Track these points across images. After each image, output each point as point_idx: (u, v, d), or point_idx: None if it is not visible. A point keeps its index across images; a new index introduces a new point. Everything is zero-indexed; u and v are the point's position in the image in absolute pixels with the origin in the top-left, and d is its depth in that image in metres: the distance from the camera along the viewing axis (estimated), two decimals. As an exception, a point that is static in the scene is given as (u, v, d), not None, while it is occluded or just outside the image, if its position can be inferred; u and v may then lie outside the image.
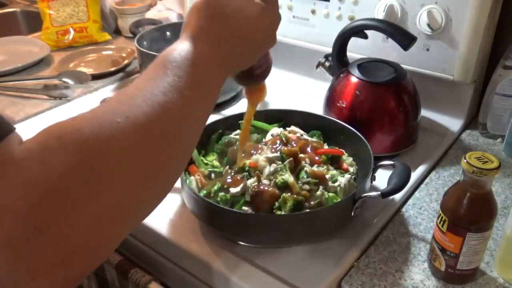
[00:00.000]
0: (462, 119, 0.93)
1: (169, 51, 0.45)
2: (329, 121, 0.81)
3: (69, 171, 0.32)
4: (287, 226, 0.62)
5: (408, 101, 0.84)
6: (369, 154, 0.70)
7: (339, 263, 0.62)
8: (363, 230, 0.67)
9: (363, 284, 0.59)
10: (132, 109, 0.38)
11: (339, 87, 0.86)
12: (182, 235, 0.68)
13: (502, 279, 0.60)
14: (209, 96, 0.46)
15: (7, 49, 1.32)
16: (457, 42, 0.85)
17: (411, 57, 0.88)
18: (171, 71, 0.42)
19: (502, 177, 0.79)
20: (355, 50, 0.92)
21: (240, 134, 0.73)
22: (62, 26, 1.36)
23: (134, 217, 0.39)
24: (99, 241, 0.35)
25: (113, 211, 0.35)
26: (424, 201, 0.74)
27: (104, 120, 0.36)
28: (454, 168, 0.82)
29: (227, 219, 0.64)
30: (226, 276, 0.62)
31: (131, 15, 1.38)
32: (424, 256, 0.63)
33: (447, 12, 0.83)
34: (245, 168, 0.69)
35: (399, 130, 0.83)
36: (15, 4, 1.80)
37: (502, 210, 0.71)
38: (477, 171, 0.52)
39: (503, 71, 0.85)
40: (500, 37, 0.92)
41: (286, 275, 0.61)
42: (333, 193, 0.67)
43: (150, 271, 0.72)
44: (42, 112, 1.03)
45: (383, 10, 0.88)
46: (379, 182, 0.71)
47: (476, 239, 0.55)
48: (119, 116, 0.37)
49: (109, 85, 1.16)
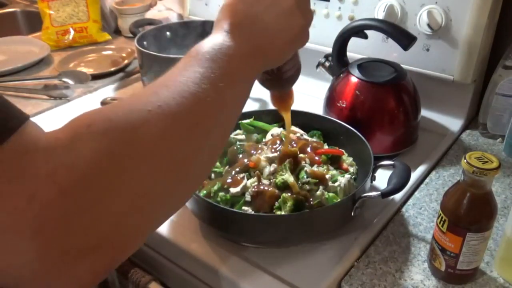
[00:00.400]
0: (462, 119, 0.93)
1: (202, 44, 0.45)
2: (329, 121, 0.81)
3: (98, 159, 0.32)
4: (287, 226, 0.62)
5: (408, 101, 0.84)
6: (369, 154, 0.70)
7: (339, 263, 0.62)
8: (363, 230, 0.67)
9: (363, 284, 0.59)
10: (163, 98, 0.38)
11: (339, 87, 0.86)
12: (182, 235, 0.68)
13: (502, 279, 0.60)
14: (241, 90, 0.46)
15: (7, 49, 1.32)
16: (457, 42, 0.85)
17: (411, 57, 0.88)
18: (205, 62, 0.43)
19: (502, 177, 0.79)
20: (355, 50, 0.92)
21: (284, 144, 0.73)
22: (62, 26, 1.36)
23: (162, 210, 0.39)
24: (127, 232, 0.35)
25: (141, 200, 0.35)
26: (424, 201, 0.74)
27: (135, 108, 0.36)
28: (454, 168, 0.82)
29: (227, 219, 0.64)
30: (226, 276, 0.62)
31: (131, 15, 1.38)
32: (424, 256, 0.63)
33: (447, 12, 0.84)
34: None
35: (399, 130, 0.83)
36: (15, 4, 1.80)
37: (502, 210, 0.71)
38: (477, 171, 0.52)
39: (503, 71, 0.85)
40: (500, 37, 0.92)
41: (286, 275, 0.61)
42: (333, 193, 0.67)
43: (150, 271, 0.72)
44: (42, 112, 1.03)
45: (383, 10, 0.88)
46: (379, 182, 0.71)
47: (476, 239, 0.55)
48: (150, 105, 0.37)
49: (109, 85, 1.16)
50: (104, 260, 0.34)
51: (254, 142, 0.78)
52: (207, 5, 1.18)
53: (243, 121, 0.81)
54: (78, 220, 0.31)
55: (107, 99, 0.95)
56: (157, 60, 0.97)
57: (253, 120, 0.82)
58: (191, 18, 1.22)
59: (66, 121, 0.35)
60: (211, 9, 1.17)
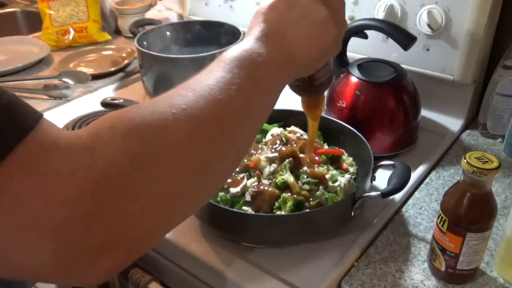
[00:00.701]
0: (462, 119, 0.93)
1: (231, 50, 0.45)
2: (329, 121, 0.81)
3: (120, 160, 0.32)
4: (287, 226, 0.62)
5: (408, 101, 0.84)
6: (369, 154, 0.70)
7: (339, 263, 0.62)
8: (363, 230, 0.67)
9: (363, 284, 0.59)
10: (189, 101, 0.38)
11: (339, 87, 0.86)
12: (182, 235, 0.68)
13: (502, 279, 0.60)
14: (268, 96, 0.46)
15: (7, 49, 1.32)
16: (457, 42, 0.85)
17: (411, 57, 0.88)
18: (233, 68, 0.42)
19: (502, 177, 0.79)
20: (355, 50, 0.92)
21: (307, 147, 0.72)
22: (62, 26, 1.36)
23: (181, 211, 0.39)
24: (143, 232, 0.35)
25: (161, 202, 0.35)
26: (424, 201, 0.74)
27: (159, 110, 0.36)
28: (454, 168, 0.82)
29: (227, 219, 0.64)
30: (226, 276, 0.62)
31: (131, 15, 1.38)
32: (424, 256, 0.63)
33: (447, 12, 0.84)
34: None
35: (399, 130, 0.83)
36: (15, 4, 1.80)
37: (502, 210, 0.71)
38: (477, 171, 0.52)
39: (503, 71, 0.85)
40: (500, 37, 0.92)
41: (286, 275, 0.61)
42: (333, 193, 0.67)
43: (150, 271, 0.72)
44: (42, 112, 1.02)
45: (383, 10, 0.88)
46: (379, 182, 0.71)
47: (476, 239, 0.55)
48: (175, 107, 0.37)
49: (109, 85, 1.15)
50: (119, 259, 0.34)
51: (254, 142, 0.78)
52: (207, 5, 1.18)
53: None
54: (96, 220, 0.31)
55: (107, 99, 0.95)
56: (157, 60, 0.97)
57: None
58: (191, 18, 1.22)
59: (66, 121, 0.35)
60: (211, 9, 1.17)
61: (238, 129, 0.41)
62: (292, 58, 0.48)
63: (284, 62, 0.47)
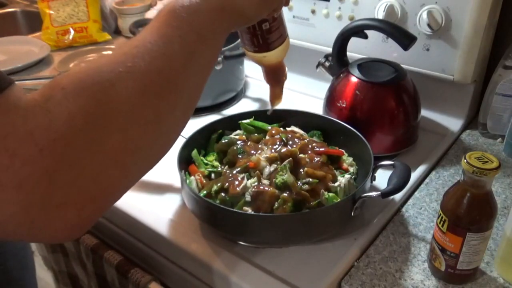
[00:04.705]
0: (462, 119, 0.93)
1: (171, 3, 0.46)
2: (329, 121, 0.81)
3: (73, 119, 0.34)
4: (287, 226, 0.62)
5: (408, 101, 0.84)
6: (369, 154, 0.70)
7: (339, 263, 0.62)
8: (363, 230, 0.67)
9: (363, 284, 0.59)
10: (133, 58, 0.39)
11: (339, 87, 0.86)
12: (182, 235, 0.68)
13: (502, 279, 0.60)
14: (211, 45, 0.47)
15: (7, 49, 1.32)
16: (457, 42, 0.85)
17: (411, 57, 0.88)
18: (174, 21, 0.44)
19: (502, 177, 0.79)
20: (355, 50, 0.92)
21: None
22: (62, 26, 1.36)
23: (139, 164, 0.41)
24: (106, 186, 0.37)
25: (118, 156, 0.37)
26: (424, 201, 0.74)
27: (106, 69, 0.38)
28: (454, 168, 0.82)
29: (227, 219, 0.64)
30: (226, 276, 0.62)
31: (131, 15, 1.38)
32: (424, 256, 0.63)
33: (447, 12, 0.84)
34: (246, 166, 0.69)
35: (399, 130, 0.83)
36: (15, 4, 1.80)
37: (502, 210, 0.71)
38: (477, 171, 0.52)
39: (503, 71, 0.85)
40: (500, 37, 0.92)
41: (286, 275, 0.61)
42: (333, 193, 0.67)
43: (150, 271, 0.72)
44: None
45: (383, 10, 0.88)
46: (379, 182, 0.71)
47: (476, 239, 0.55)
48: (121, 65, 0.38)
49: (109, 85, 1.15)
50: (85, 214, 0.36)
51: (254, 142, 0.78)
52: (207, 5, 1.18)
53: (243, 121, 0.81)
54: (58, 176, 0.33)
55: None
56: (157, 60, 0.97)
57: (253, 120, 0.82)
58: (191, 18, 1.22)
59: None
60: (211, 9, 1.17)
61: (184, 79, 0.43)
62: (232, 3, 0.48)
63: (223, 8, 0.47)
